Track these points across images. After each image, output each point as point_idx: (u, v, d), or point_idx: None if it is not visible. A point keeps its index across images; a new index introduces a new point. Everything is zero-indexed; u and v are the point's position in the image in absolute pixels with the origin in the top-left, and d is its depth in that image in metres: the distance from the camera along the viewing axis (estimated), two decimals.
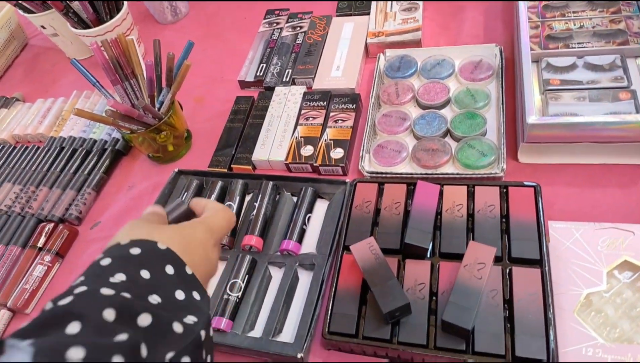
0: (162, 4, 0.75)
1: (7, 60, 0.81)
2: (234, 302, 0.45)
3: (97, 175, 0.60)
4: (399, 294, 0.39)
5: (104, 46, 0.54)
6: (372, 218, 0.47)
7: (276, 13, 0.71)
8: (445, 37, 0.62)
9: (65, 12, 0.65)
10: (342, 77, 0.59)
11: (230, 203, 0.52)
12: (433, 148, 0.50)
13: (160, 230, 0.32)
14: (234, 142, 0.58)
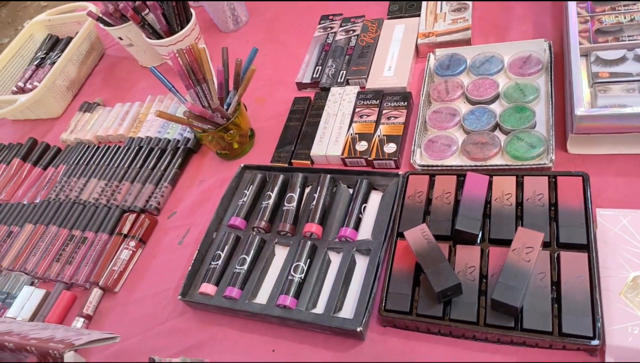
0: (225, 13, 0.82)
1: (88, 69, 0.90)
2: (297, 282, 0.50)
3: (172, 171, 0.67)
4: (451, 275, 0.42)
5: (180, 55, 0.61)
6: (424, 207, 0.50)
7: (330, 18, 0.76)
8: (494, 34, 0.64)
9: (141, 25, 0.73)
10: (394, 76, 0.63)
11: (291, 194, 0.57)
12: (482, 141, 0.53)
13: None
14: (293, 139, 0.63)
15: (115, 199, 0.66)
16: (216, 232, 0.58)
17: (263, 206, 0.57)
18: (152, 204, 0.64)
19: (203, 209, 0.63)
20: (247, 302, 0.51)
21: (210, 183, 0.66)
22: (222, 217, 0.59)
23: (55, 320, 0.57)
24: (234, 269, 0.53)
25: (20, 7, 2.90)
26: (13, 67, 0.90)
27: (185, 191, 0.66)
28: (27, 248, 0.65)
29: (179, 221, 0.63)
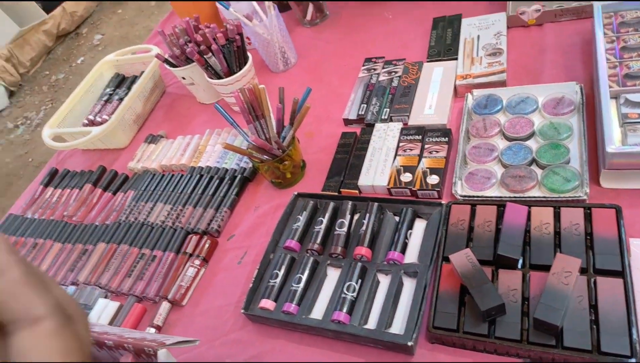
0: (277, 56, 0.90)
1: (152, 104, 1.00)
2: (350, 300, 0.55)
3: (230, 197, 0.74)
4: (495, 295, 0.47)
5: (242, 93, 0.68)
6: (466, 234, 0.55)
7: (373, 60, 0.83)
8: (528, 77, 0.69)
9: (205, 67, 0.81)
10: (435, 114, 0.69)
11: (342, 219, 0.62)
12: (520, 174, 0.58)
13: None
14: (342, 170, 0.70)
15: (180, 222, 0.73)
16: (273, 253, 0.64)
17: (316, 230, 0.63)
18: (213, 227, 0.71)
19: (258, 233, 0.70)
20: (304, 317, 0.56)
21: (265, 209, 0.72)
22: (278, 239, 0.65)
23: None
24: (290, 287, 0.59)
25: (74, 46, 3.12)
26: (85, 102, 1.00)
27: (242, 216, 0.73)
28: (101, 264, 0.72)
29: (237, 243, 0.69)
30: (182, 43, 0.84)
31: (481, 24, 0.76)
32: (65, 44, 3.18)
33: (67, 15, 3.16)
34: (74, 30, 3.23)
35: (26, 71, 3.03)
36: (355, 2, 0.99)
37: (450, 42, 0.77)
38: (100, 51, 2.96)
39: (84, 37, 3.16)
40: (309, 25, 0.99)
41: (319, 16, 0.98)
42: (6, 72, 2.89)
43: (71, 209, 0.85)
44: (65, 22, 3.16)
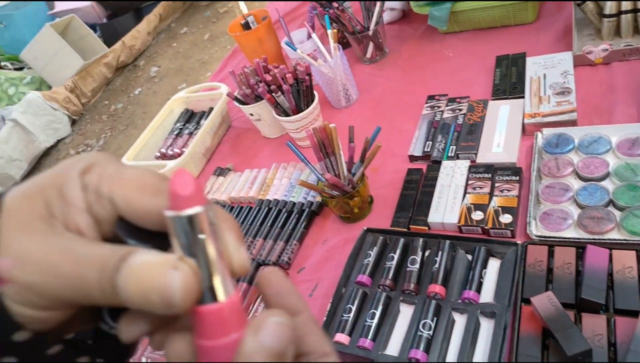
0: (339, 93, 0.94)
1: (219, 138, 1.05)
2: (426, 338, 0.56)
3: (299, 230, 0.77)
4: (581, 340, 0.47)
5: (314, 132, 0.72)
6: (545, 276, 0.55)
7: (436, 98, 0.85)
8: (599, 116, 0.69)
9: (275, 105, 0.86)
10: (503, 152, 0.70)
11: (414, 256, 0.64)
12: (597, 216, 0.58)
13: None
14: (410, 206, 0.71)
15: (251, 253, 0.77)
16: (345, 287, 0.66)
17: (387, 266, 0.64)
18: (284, 259, 0.74)
19: (328, 266, 0.72)
20: (380, 353, 0.57)
21: (333, 243, 0.74)
22: (349, 274, 0.67)
23: None
24: (364, 322, 0.60)
25: (132, 77, 3.32)
26: (157, 136, 1.07)
27: (310, 249, 0.75)
28: None
29: (307, 276, 0.72)
30: (253, 83, 0.89)
31: (547, 63, 0.77)
32: (123, 75, 3.38)
33: (126, 48, 3.37)
34: (132, 62, 3.44)
35: (87, 100, 3.24)
36: (414, 40, 1.02)
37: (516, 80, 0.78)
38: (157, 82, 3.13)
39: (141, 69, 3.36)
40: (369, 62, 1.03)
41: (378, 54, 1.01)
42: (70, 103, 3.09)
43: None
44: (124, 55, 3.37)
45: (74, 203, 0.22)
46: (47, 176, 0.23)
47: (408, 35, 1.04)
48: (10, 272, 0.21)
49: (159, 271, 0.20)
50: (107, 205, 0.23)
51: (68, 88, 3.09)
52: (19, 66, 3.33)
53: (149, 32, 3.53)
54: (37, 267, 0.21)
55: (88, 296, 0.21)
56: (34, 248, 0.21)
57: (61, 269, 0.21)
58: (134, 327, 0.22)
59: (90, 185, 0.23)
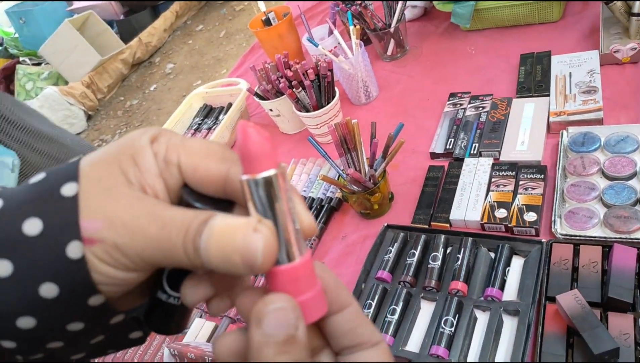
0: (359, 89, 0.94)
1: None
2: (447, 335, 0.55)
3: (318, 225, 0.77)
4: (608, 339, 0.46)
5: (336, 127, 0.72)
6: (570, 274, 0.54)
7: (459, 96, 0.84)
8: (625, 115, 0.68)
9: (296, 101, 0.86)
10: (528, 150, 0.69)
11: (435, 253, 0.63)
12: (624, 215, 0.57)
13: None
14: (431, 203, 0.71)
15: None
16: (364, 283, 0.66)
17: (408, 262, 0.64)
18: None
19: (347, 262, 0.72)
20: (401, 349, 0.57)
21: (352, 239, 0.74)
22: (369, 270, 0.67)
23: None
24: (385, 317, 0.60)
25: (148, 74, 3.35)
26: (176, 131, 1.08)
27: (329, 245, 0.75)
28: None
29: None
30: (274, 78, 0.89)
31: (572, 62, 0.76)
32: (139, 72, 3.42)
33: (143, 45, 3.40)
34: (148, 59, 3.47)
35: (103, 96, 3.27)
36: (436, 37, 1.02)
37: (541, 79, 0.77)
38: (172, 79, 3.15)
39: (156, 65, 3.39)
40: (390, 59, 1.02)
41: (399, 51, 1.01)
42: (86, 98, 3.13)
43: None
44: (141, 51, 3.40)
45: (148, 169, 0.23)
46: (119, 146, 0.24)
47: (429, 32, 1.03)
48: (101, 233, 0.22)
49: (241, 233, 0.21)
50: (175, 172, 0.24)
51: (85, 84, 3.13)
52: (37, 61, 3.38)
53: (165, 29, 3.56)
54: (126, 229, 0.22)
55: (172, 258, 0.22)
56: (121, 212, 0.22)
57: (148, 232, 0.22)
58: (197, 290, 0.23)
59: (159, 153, 0.24)
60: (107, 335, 0.25)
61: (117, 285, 0.23)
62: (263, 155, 0.21)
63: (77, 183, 0.22)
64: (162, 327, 0.26)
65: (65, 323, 0.23)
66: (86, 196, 0.22)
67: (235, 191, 0.23)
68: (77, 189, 0.22)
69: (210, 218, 0.21)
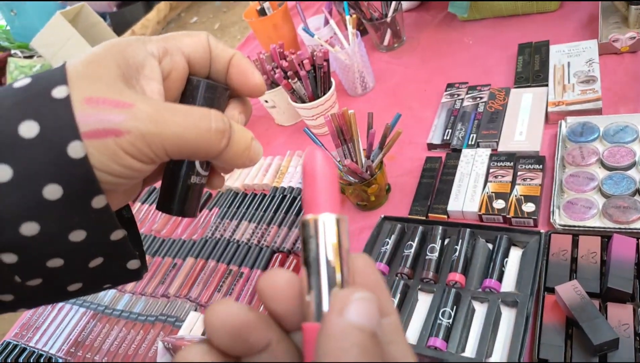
0: (356, 80, 0.93)
1: None
2: (445, 327, 0.55)
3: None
4: (608, 329, 0.46)
5: (332, 118, 0.71)
6: (569, 265, 0.54)
7: (456, 86, 0.83)
8: (624, 105, 0.68)
9: (291, 91, 0.85)
10: (526, 141, 0.68)
11: (433, 244, 0.63)
12: (623, 205, 0.56)
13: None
14: (428, 194, 0.70)
15: (265, 240, 0.76)
16: None
17: (405, 254, 0.63)
18: (298, 247, 0.73)
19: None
20: None
21: (349, 231, 0.73)
22: None
23: None
24: None
25: None
26: None
27: None
28: (191, 278, 0.76)
29: None
30: (269, 69, 0.88)
31: (571, 51, 0.75)
32: None
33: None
34: None
35: None
36: (433, 27, 1.00)
37: (539, 68, 0.76)
38: None
39: None
40: (386, 50, 1.01)
41: (396, 41, 1.00)
42: None
43: (158, 224, 0.90)
44: None
45: (153, 78, 0.25)
46: (107, 45, 0.25)
47: (426, 22, 1.02)
48: (127, 123, 0.22)
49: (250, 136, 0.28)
50: (179, 58, 0.27)
51: None
52: (29, 54, 3.33)
53: (158, 21, 3.52)
54: (151, 118, 0.23)
55: (203, 148, 0.24)
56: (138, 103, 0.23)
57: (173, 120, 0.23)
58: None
59: (156, 50, 0.26)
60: (106, 258, 0.24)
61: (130, 178, 0.24)
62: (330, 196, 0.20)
63: (66, 86, 0.22)
64: (195, 209, 0.31)
65: (68, 232, 0.22)
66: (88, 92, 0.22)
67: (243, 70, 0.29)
68: (67, 91, 0.22)
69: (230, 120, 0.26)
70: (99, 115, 0.22)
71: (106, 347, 0.73)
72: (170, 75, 0.27)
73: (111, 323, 0.76)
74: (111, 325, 0.76)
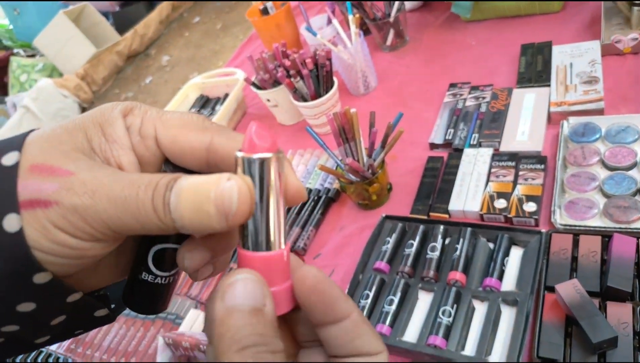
0: (358, 80, 0.93)
1: (234, 124, 1.05)
2: (445, 325, 0.55)
3: (316, 216, 0.76)
4: (607, 327, 0.46)
5: (335, 117, 0.71)
6: (569, 264, 0.54)
7: (459, 86, 0.84)
8: (626, 105, 0.68)
9: (294, 90, 0.85)
10: (528, 140, 0.68)
11: (434, 243, 0.63)
12: (624, 205, 0.57)
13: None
14: (430, 193, 0.70)
15: None
16: (362, 274, 0.65)
17: (406, 253, 0.64)
18: (300, 245, 0.73)
19: (344, 252, 0.71)
20: (398, 339, 0.56)
21: (350, 230, 0.73)
22: (366, 261, 0.66)
23: None
24: (382, 308, 0.59)
25: (143, 66, 3.32)
26: None
27: (327, 236, 0.75)
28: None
29: (323, 262, 0.71)
30: (272, 68, 0.88)
31: (573, 52, 0.76)
32: (134, 64, 3.39)
33: (138, 37, 3.38)
34: (144, 51, 3.44)
35: (98, 89, 3.25)
36: (436, 28, 1.01)
37: (542, 69, 0.76)
38: (168, 71, 3.13)
39: (152, 58, 3.36)
40: (389, 50, 1.02)
41: (399, 41, 1.00)
42: (81, 90, 3.10)
43: None
44: (136, 43, 3.37)
45: (116, 141, 0.22)
46: (87, 116, 0.22)
47: (429, 23, 1.02)
48: (57, 193, 0.19)
49: (213, 181, 0.20)
50: (152, 145, 0.23)
51: (79, 76, 3.10)
52: (32, 53, 3.34)
53: (161, 21, 3.53)
54: (86, 189, 0.20)
55: (139, 218, 0.20)
56: (80, 170, 0.20)
57: (111, 190, 0.20)
58: (195, 255, 0.22)
59: (133, 126, 0.23)
60: (69, 315, 0.23)
61: (76, 257, 0.21)
62: (264, 140, 0.21)
63: (19, 152, 0.20)
64: (148, 307, 0.26)
65: (15, 304, 0.21)
66: (37, 159, 0.20)
67: (220, 161, 0.22)
68: (17, 158, 0.20)
69: (180, 176, 0.20)
70: (35, 184, 0.20)
71: (106, 344, 0.73)
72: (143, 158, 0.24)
73: None
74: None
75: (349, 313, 0.22)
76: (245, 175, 0.21)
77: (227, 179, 0.20)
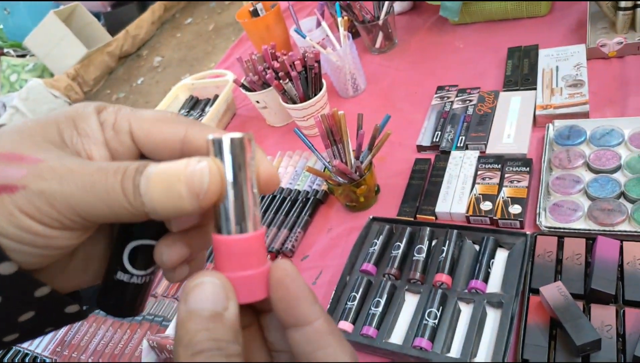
0: (347, 82, 0.93)
1: (223, 126, 1.04)
2: (431, 327, 0.55)
3: (303, 218, 0.76)
4: (590, 330, 0.46)
5: (322, 119, 0.71)
6: (554, 266, 0.54)
7: (446, 89, 0.84)
8: (612, 109, 0.69)
9: (283, 92, 0.85)
10: (514, 143, 0.69)
11: (420, 245, 0.63)
12: (608, 208, 0.57)
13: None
14: (417, 196, 0.70)
15: None
16: (349, 275, 0.65)
17: (393, 255, 0.64)
18: (287, 247, 0.73)
19: (332, 254, 0.71)
20: (384, 341, 0.56)
21: (338, 232, 0.73)
22: (354, 262, 0.66)
23: None
24: (369, 310, 0.59)
25: (135, 67, 3.30)
26: None
27: (315, 238, 0.74)
28: None
29: (311, 264, 0.71)
30: (261, 70, 0.88)
31: (559, 55, 0.76)
32: (126, 64, 3.37)
33: (130, 38, 3.36)
34: (135, 52, 3.43)
35: (89, 89, 3.22)
36: (424, 31, 1.01)
37: (528, 72, 0.77)
38: (159, 72, 3.11)
39: (144, 58, 3.34)
40: (378, 52, 1.02)
41: (387, 44, 1.00)
42: (72, 91, 3.08)
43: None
44: (128, 44, 3.36)
45: (89, 135, 0.22)
46: (61, 111, 0.23)
47: (418, 26, 1.03)
48: (25, 178, 0.19)
49: (184, 163, 0.20)
50: (126, 140, 0.23)
51: (70, 76, 3.08)
52: (22, 52, 3.31)
53: (153, 21, 3.51)
54: (54, 174, 0.20)
55: (108, 204, 0.20)
56: (49, 158, 0.20)
57: (80, 176, 0.20)
58: (173, 250, 0.22)
59: (107, 121, 0.23)
60: (38, 310, 0.22)
61: (43, 246, 0.20)
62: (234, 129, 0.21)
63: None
64: (122, 309, 0.25)
65: None
66: (6, 148, 0.20)
67: (195, 152, 0.22)
68: None
69: (150, 162, 0.21)
70: (3, 170, 0.19)
71: (93, 347, 0.73)
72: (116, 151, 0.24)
73: (98, 322, 0.76)
74: (98, 325, 0.75)
75: (313, 319, 0.21)
76: (216, 158, 0.21)
77: (198, 161, 0.20)
